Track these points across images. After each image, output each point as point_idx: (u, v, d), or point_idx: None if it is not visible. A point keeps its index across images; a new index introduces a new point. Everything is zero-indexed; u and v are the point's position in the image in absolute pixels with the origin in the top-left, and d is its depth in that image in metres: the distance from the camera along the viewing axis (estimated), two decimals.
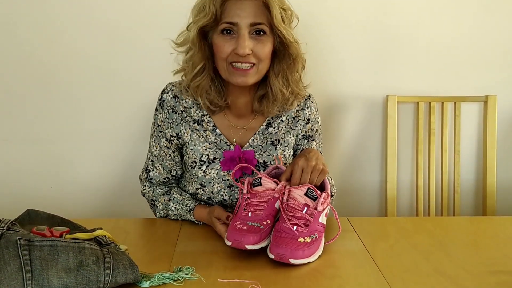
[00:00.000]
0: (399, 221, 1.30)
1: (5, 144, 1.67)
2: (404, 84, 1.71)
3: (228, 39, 1.12)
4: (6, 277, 0.81)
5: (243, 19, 1.10)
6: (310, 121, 1.30)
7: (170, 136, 1.25)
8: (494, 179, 1.70)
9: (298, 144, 1.32)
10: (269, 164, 1.25)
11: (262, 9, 1.11)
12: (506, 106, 1.74)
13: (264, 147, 1.26)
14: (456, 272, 0.98)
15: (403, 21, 1.67)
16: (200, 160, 1.24)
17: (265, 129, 1.27)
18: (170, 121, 1.24)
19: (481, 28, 1.69)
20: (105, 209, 1.73)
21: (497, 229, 1.24)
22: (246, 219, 1.06)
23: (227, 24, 1.11)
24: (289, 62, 1.18)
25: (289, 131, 1.29)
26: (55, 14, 1.58)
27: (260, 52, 1.13)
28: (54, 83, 1.63)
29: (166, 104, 1.24)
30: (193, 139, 1.24)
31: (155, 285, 0.91)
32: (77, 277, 0.85)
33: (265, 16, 1.12)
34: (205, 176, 1.23)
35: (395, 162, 1.69)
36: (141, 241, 1.15)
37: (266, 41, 1.14)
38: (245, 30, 1.10)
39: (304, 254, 0.99)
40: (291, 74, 1.20)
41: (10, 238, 0.85)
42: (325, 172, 1.11)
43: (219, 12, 1.10)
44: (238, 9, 1.10)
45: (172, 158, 1.28)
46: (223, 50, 1.12)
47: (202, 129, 1.24)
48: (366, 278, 0.96)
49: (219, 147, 1.24)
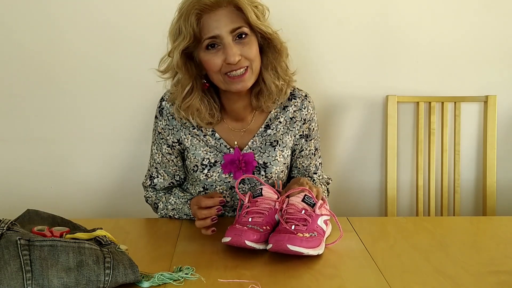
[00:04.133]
0: (399, 221, 1.30)
1: (5, 144, 1.67)
2: (404, 84, 1.71)
3: (214, 52, 1.13)
4: (6, 277, 0.81)
5: (222, 28, 1.10)
6: (306, 121, 1.32)
7: (171, 142, 1.27)
8: (494, 179, 1.70)
9: (296, 144, 1.33)
10: (269, 164, 1.26)
11: (236, 13, 1.12)
12: (506, 106, 1.74)
13: (263, 148, 1.27)
14: (456, 272, 0.98)
15: (404, 22, 1.67)
16: (202, 164, 1.25)
17: (263, 131, 1.28)
18: (170, 128, 1.26)
19: (481, 28, 1.69)
20: (105, 209, 1.74)
21: (497, 229, 1.24)
22: (246, 223, 1.06)
23: (209, 39, 1.12)
24: (275, 54, 1.20)
25: (287, 132, 1.30)
26: (56, 16, 1.59)
27: (249, 53, 1.14)
28: (54, 84, 1.64)
29: (166, 111, 1.25)
30: (194, 144, 1.26)
31: (155, 285, 0.91)
32: (77, 277, 0.85)
33: (241, 18, 1.12)
34: (207, 179, 1.25)
35: (395, 162, 1.70)
36: (141, 241, 1.16)
37: (251, 41, 1.15)
38: (228, 38, 1.11)
39: (302, 243, 0.98)
40: (279, 65, 1.22)
41: (10, 238, 0.85)
42: (320, 192, 1.14)
43: (197, 30, 1.11)
44: (214, 21, 1.10)
45: (175, 163, 1.30)
46: (214, 64, 1.13)
47: (201, 134, 1.26)
48: (366, 278, 0.96)
49: (219, 151, 1.25)
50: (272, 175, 1.27)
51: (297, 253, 0.98)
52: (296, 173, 1.37)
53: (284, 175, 1.31)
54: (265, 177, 1.26)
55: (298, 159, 1.35)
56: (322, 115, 1.70)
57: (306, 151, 1.34)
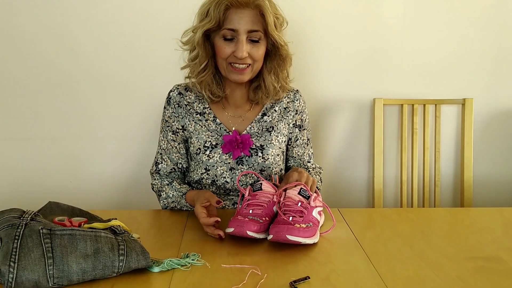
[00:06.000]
0: (385, 212, 1.30)
1: (31, 143, 1.67)
2: (389, 88, 1.71)
3: (228, 42, 1.16)
4: (30, 263, 0.81)
5: (242, 26, 1.14)
6: (298, 112, 1.34)
7: (176, 128, 1.28)
8: (470, 174, 1.70)
9: (291, 132, 1.34)
10: (265, 146, 1.27)
11: (258, 17, 1.15)
12: (482, 108, 1.74)
13: (260, 133, 1.29)
14: (436, 258, 0.98)
15: (389, 32, 1.67)
16: (204, 146, 1.26)
17: (260, 118, 1.30)
18: (176, 115, 1.28)
19: (459, 38, 1.69)
20: (119, 201, 1.73)
21: (474, 220, 1.24)
22: (247, 215, 1.06)
23: (228, 30, 1.15)
24: (280, 62, 1.24)
25: (281, 119, 1.32)
26: (75, 28, 1.59)
27: (256, 55, 1.18)
28: (74, 89, 1.64)
29: (173, 100, 1.28)
30: (197, 129, 1.27)
31: (165, 270, 0.91)
32: (94, 263, 0.85)
33: (260, 24, 1.16)
34: (209, 160, 1.25)
35: (381, 159, 1.69)
36: (152, 230, 1.15)
37: (261, 45, 1.18)
38: (243, 36, 1.14)
39: (299, 233, 0.98)
40: (281, 71, 1.26)
41: (34, 228, 0.85)
42: (315, 182, 1.15)
43: (222, 19, 1.14)
44: (238, 17, 1.13)
45: (178, 150, 1.30)
46: (224, 51, 1.17)
47: (204, 119, 1.27)
48: (355, 264, 0.96)
49: (220, 134, 1.27)
50: (269, 157, 1.26)
51: (295, 242, 0.98)
52: (293, 163, 1.37)
53: (280, 159, 1.31)
54: (262, 158, 1.26)
55: (294, 148, 1.36)
56: (315, 116, 1.70)
57: (300, 140, 1.35)
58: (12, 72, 1.61)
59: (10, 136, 1.66)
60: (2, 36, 1.59)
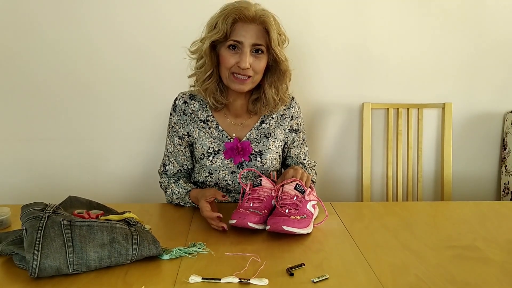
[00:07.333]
0: (372, 206, 1.30)
1: (53, 143, 1.67)
2: (376, 94, 1.71)
3: (232, 53, 1.15)
4: (52, 251, 0.81)
5: (247, 39, 1.13)
6: (294, 117, 1.33)
7: (182, 134, 1.27)
8: (450, 171, 1.70)
9: (287, 137, 1.33)
10: (263, 152, 1.26)
11: (262, 33, 1.14)
12: (460, 112, 1.74)
13: (258, 139, 1.28)
14: (419, 247, 0.98)
15: (376, 43, 1.67)
16: (207, 152, 1.25)
17: (259, 125, 1.29)
18: (181, 122, 1.26)
19: (439, 47, 1.69)
20: (132, 196, 1.73)
21: (453, 212, 1.24)
22: (248, 208, 1.06)
23: (234, 41, 1.13)
24: (280, 76, 1.22)
25: (278, 126, 1.30)
26: (94, 39, 1.59)
27: (257, 67, 1.16)
28: (93, 94, 1.64)
29: (178, 108, 1.26)
30: (201, 136, 1.25)
31: (174, 257, 0.91)
32: (110, 251, 0.85)
33: (264, 39, 1.14)
34: (212, 165, 1.24)
35: (369, 157, 1.69)
36: (162, 222, 1.15)
37: (263, 58, 1.17)
38: (247, 48, 1.13)
39: (294, 225, 0.98)
40: (281, 85, 1.24)
41: (55, 220, 0.85)
42: (309, 178, 1.14)
43: (229, 31, 1.13)
44: (244, 30, 1.12)
45: (183, 153, 1.29)
46: (228, 61, 1.15)
47: (207, 126, 1.26)
48: (346, 252, 0.96)
49: (222, 141, 1.26)
50: (267, 161, 1.26)
51: (290, 232, 0.98)
52: (290, 161, 1.37)
53: (277, 162, 1.30)
54: (261, 162, 1.26)
55: (291, 149, 1.35)
56: (309, 119, 1.70)
57: (297, 142, 1.35)
58: (33, 77, 1.61)
59: (33, 137, 1.66)
60: (32, 35, 1.58)
